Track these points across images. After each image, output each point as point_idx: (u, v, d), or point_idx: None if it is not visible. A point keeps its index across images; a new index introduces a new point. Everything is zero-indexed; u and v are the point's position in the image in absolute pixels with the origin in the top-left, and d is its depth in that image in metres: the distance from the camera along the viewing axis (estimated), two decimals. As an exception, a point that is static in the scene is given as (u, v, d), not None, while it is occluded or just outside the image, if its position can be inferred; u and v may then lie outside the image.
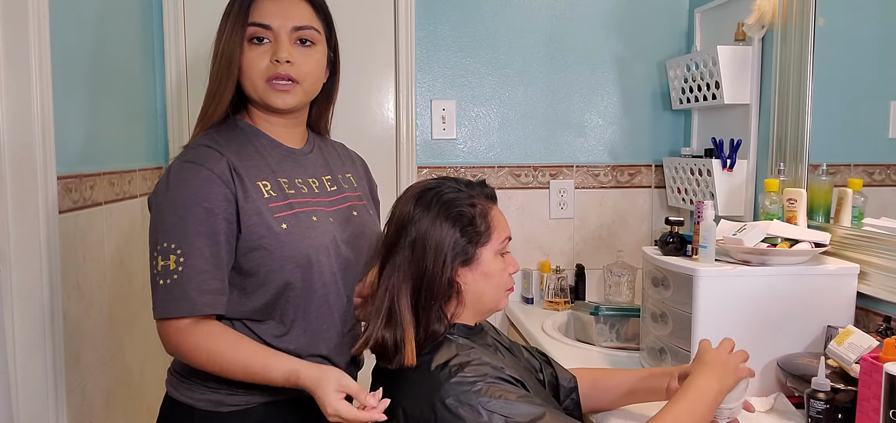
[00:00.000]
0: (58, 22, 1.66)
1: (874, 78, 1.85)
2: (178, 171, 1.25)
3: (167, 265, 1.20)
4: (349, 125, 2.50)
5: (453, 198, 1.22)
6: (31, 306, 1.60)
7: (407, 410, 1.16)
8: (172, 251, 1.20)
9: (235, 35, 1.29)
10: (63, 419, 1.67)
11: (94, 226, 1.86)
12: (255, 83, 1.31)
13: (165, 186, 1.24)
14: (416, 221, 1.21)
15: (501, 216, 1.28)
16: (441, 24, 2.49)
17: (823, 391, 1.34)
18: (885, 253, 1.60)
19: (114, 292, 1.98)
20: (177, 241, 1.21)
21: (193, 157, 1.26)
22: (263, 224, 1.26)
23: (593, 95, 2.57)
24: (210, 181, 1.23)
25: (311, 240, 1.29)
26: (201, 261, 1.21)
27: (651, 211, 2.62)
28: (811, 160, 1.85)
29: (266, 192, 1.28)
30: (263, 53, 1.30)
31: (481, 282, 1.23)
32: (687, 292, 1.57)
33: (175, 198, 1.23)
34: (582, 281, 2.49)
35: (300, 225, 1.29)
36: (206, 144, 1.28)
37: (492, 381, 1.14)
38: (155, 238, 1.23)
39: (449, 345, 1.20)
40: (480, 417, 1.09)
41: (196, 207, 1.21)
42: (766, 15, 1.98)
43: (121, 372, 2.01)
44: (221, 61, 1.29)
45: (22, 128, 1.57)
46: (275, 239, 1.26)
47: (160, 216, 1.24)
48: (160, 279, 1.21)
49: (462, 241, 1.21)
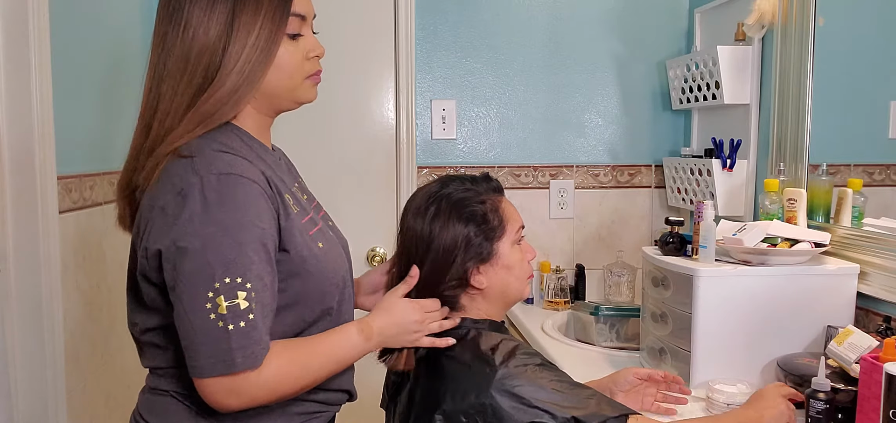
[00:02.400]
0: (58, 22, 1.66)
1: (874, 78, 1.85)
2: (219, 187, 1.01)
3: (236, 306, 0.98)
4: (349, 125, 2.50)
5: (462, 198, 1.23)
6: (31, 306, 1.60)
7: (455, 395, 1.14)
8: (240, 287, 0.99)
9: (276, 25, 1.08)
10: (63, 419, 1.67)
11: (94, 226, 1.86)
12: (293, 80, 1.13)
13: (202, 205, 0.99)
14: (426, 224, 1.22)
15: (511, 206, 1.29)
16: (441, 24, 2.49)
17: (823, 391, 1.34)
18: (885, 253, 1.60)
19: (114, 292, 1.98)
20: (242, 274, 0.99)
21: (229, 167, 1.02)
22: (305, 245, 1.10)
23: (593, 95, 2.57)
24: (258, 197, 1.03)
25: (341, 259, 1.19)
26: (269, 295, 1.03)
27: (651, 211, 2.62)
28: (811, 160, 1.85)
29: (294, 207, 1.12)
30: (299, 48, 1.13)
31: (504, 275, 1.24)
32: (687, 292, 1.57)
33: (225, 219, 0.99)
34: (582, 281, 2.49)
35: (328, 243, 1.17)
36: (223, 150, 1.06)
37: (542, 363, 1.17)
38: (208, 275, 0.98)
39: (489, 335, 1.22)
40: (542, 395, 1.10)
41: (251, 229, 1.01)
42: (766, 15, 1.98)
43: (121, 372, 2.00)
44: (257, 54, 1.07)
45: (22, 128, 1.57)
46: (316, 262, 1.11)
47: (211, 246, 0.98)
48: (230, 323, 0.98)
49: (478, 239, 1.21)
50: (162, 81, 1.08)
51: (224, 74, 1.06)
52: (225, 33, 1.06)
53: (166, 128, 1.07)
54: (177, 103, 1.07)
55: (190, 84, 1.07)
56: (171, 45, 1.07)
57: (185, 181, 1.01)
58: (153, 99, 1.09)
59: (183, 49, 1.06)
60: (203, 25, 1.06)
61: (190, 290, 0.99)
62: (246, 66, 1.07)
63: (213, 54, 1.06)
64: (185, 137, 1.06)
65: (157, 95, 1.08)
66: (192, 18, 1.06)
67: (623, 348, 1.97)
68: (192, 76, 1.06)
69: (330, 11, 2.45)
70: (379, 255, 2.53)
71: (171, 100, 1.07)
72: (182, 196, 1.00)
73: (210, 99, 1.06)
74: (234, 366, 0.99)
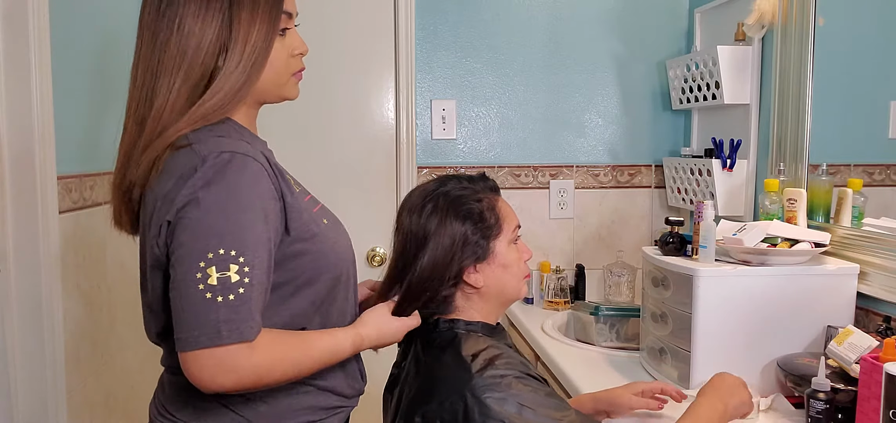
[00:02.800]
0: (58, 22, 1.66)
1: (874, 78, 1.85)
2: (221, 165, 1.02)
3: (227, 278, 0.98)
4: (349, 125, 2.50)
5: (459, 196, 1.23)
6: (31, 306, 1.60)
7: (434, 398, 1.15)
8: (233, 260, 0.99)
9: (272, 24, 1.11)
10: (63, 419, 1.67)
11: (94, 226, 1.86)
12: (280, 77, 1.16)
13: (203, 182, 1.01)
14: (422, 222, 1.22)
15: (507, 206, 1.29)
16: (441, 24, 2.49)
17: (823, 391, 1.34)
18: (885, 253, 1.60)
19: (114, 292, 1.98)
20: (238, 247, 0.99)
21: (232, 147, 1.04)
22: (312, 220, 1.13)
23: (593, 95, 2.57)
24: (261, 177, 1.04)
25: (345, 235, 1.24)
26: (264, 273, 1.03)
27: (651, 211, 2.62)
28: (811, 160, 1.85)
29: (295, 186, 1.16)
30: (285, 45, 1.16)
31: (501, 274, 1.24)
32: (687, 292, 1.57)
33: (224, 195, 1.01)
34: (582, 281, 2.49)
35: (332, 219, 1.22)
36: (222, 136, 1.07)
37: (520, 376, 1.14)
38: (202, 246, 0.99)
39: (477, 338, 1.21)
40: (510, 408, 1.09)
41: (252, 209, 1.02)
42: (766, 15, 1.98)
43: (121, 372, 2.00)
44: (256, 52, 1.10)
45: (22, 128, 1.57)
46: (324, 236, 1.15)
47: (207, 218, 1.00)
48: (218, 295, 0.98)
49: (475, 237, 1.21)
50: (156, 78, 1.08)
51: (227, 72, 1.07)
52: (224, 31, 1.07)
53: (163, 124, 1.07)
54: (174, 99, 1.07)
55: (186, 81, 1.07)
56: (165, 41, 1.07)
57: (186, 166, 1.02)
58: (147, 95, 1.09)
59: (178, 46, 1.07)
60: (199, 23, 1.07)
61: (183, 259, 0.99)
62: (248, 63, 1.09)
63: (212, 53, 1.07)
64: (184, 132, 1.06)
65: (152, 92, 1.08)
66: (187, 16, 1.07)
67: (623, 349, 1.97)
68: (190, 73, 1.07)
69: (330, 11, 2.45)
70: (379, 255, 2.53)
71: (166, 96, 1.07)
72: (183, 179, 1.02)
73: (213, 97, 1.07)
74: (220, 338, 0.97)
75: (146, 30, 1.10)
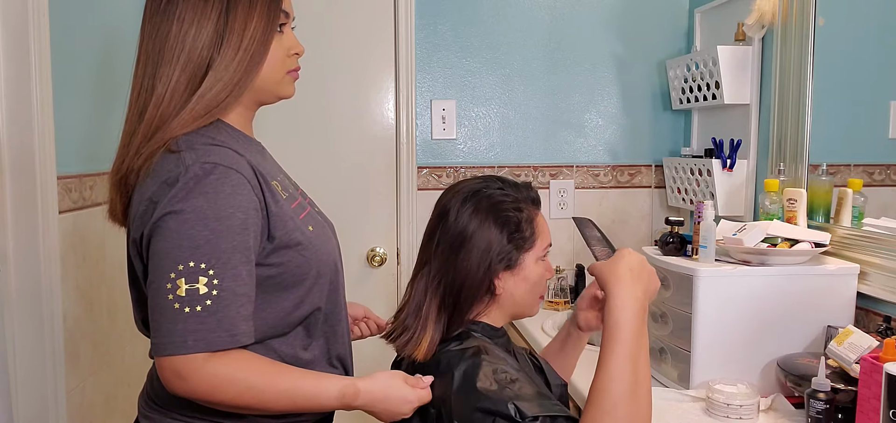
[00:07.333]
0: (57, 22, 1.66)
1: (874, 78, 1.85)
2: (202, 175, 1.03)
3: (195, 289, 1.01)
4: (349, 125, 2.50)
5: (501, 200, 1.22)
6: (31, 306, 1.60)
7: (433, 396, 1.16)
8: (203, 272, 1.01)
9: (270, 19, 1.13)
10: (63, 418, 1.67)
11: (94, 226, 1.86)
12: (277, 75, 1.17)
13: (184, 193, 1.03)
14: (462, 220, 1.20)
15: (545, 222, 1.27)
16: (441, 24, 2.49)
17: (823, 391, 1.34)
18: (885, 253, 1.60)
19: (114, 292, 1.98)
20: (208, 260, 1.01)
21: (216, 158, 1.05)
22: (297, 229, 1.13)
23: (593, 95, 2.57)
24: (241, 188, 1.05)
25: (331, 242, 1.23)
26: (238, 284, 1.04)
27: (651, 211, 2.62)
28: (811, 160, 1.85)
29: (282, 193, 1.15)
30: (282, 44, 1.17)
31: (521, 286, 1.23)
32: (687, 292, 1.57)
33: (203, 208, 1.02)
34: (582, 281, 2.49)
35: (318, 226, 1.21)
36: (212, 143, 1.08)
37: (508, 368, 1.14)
38: (174, 257, 1.01)
39: (473, 337, 1.21)
40: (495, 389, 1.08)
41: (229, 220, 1.03)
42: (766, 15, 1.98)
43: (121, 372, 2.01)
44: (254, 46, 1.11)
45: (22, 128, 1.57)
46: (309, 244, 1.14)
47: (182, 230, 1.02)
48: (186, 306, 1.00)
49: (508, 246, 1.20)
50: (157, 67, 1.10)
51: (225, 63, 1.10)
52: (222, 23, 1.10)
53: (162, 114, 1.09)
54: (173, 89, 1.09)
55: (185, 70, 1.09)
56: (165, 34, 1.10)
57: (171, 173, 1.05)
58: (147, 85, 1.11)
59: (178, 37, 1.09)
60: (199, 14, 1.09)
61: (157, 268, 1.03)
62: (246, 55, 1.11)
63: (209, 44, 1.10)
64: (183, 129, 1.08)
65: (152, 82, 1.10)
66: (187, 8, 1.10)
67: (623, 348, 1.97)
68: (188, 63, 1.09)
69: (330, 12, 2.45)
70: (379, 255, 2.53)
71: (166, 85, 1.09)
72: (168, 185, 1.04)
73: (212, 88, 1.10)
74: (186, 347, 1.00)
75: (148, 22, 1.13)
